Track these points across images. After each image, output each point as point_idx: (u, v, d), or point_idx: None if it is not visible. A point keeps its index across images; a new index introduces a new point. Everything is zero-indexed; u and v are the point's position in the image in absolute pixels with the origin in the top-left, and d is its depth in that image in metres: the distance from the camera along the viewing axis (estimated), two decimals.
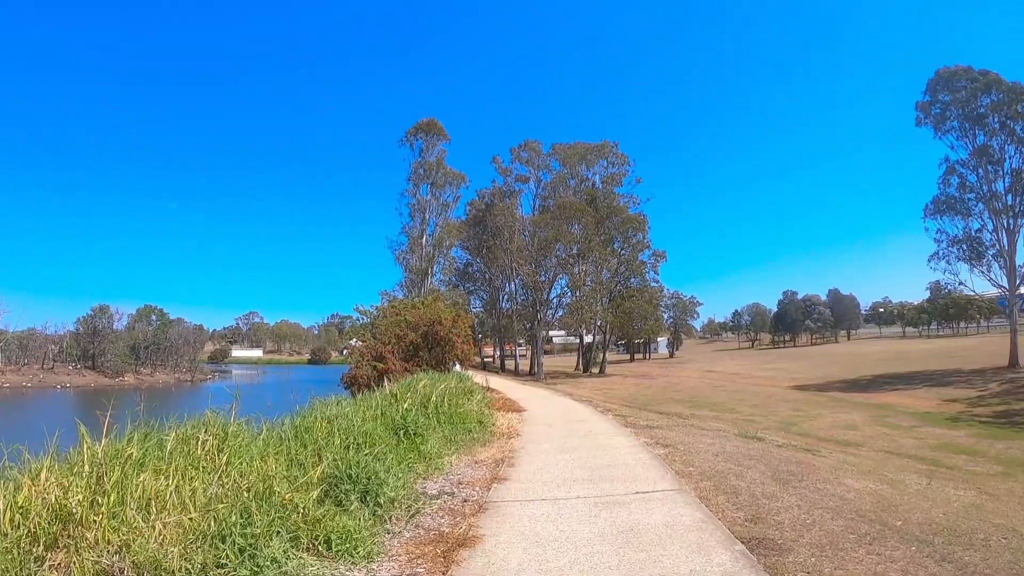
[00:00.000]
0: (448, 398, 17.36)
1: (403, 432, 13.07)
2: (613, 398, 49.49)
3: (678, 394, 56.08)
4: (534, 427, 17.77)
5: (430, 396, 16.61)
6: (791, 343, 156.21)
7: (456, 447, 14.14)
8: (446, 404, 16.79)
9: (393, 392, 16.42)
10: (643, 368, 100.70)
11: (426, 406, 16.03)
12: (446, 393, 17.60)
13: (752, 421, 36.43)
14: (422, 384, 18.05)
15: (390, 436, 12.63)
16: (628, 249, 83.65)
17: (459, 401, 18.10)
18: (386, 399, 15.95)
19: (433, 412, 15.86)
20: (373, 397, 15.97)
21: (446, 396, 17.29)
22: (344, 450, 10.29)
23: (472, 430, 16.03)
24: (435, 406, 16.18)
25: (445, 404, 16.74)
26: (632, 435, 15.67)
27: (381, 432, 12.26)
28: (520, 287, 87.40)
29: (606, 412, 21.40)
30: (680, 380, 72.86)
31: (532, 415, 20.71)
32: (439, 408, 16.22)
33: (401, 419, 13.49)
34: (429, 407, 15.99)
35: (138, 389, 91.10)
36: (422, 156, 74.22)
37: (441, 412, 16.11)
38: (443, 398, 17.03)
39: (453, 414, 16.48)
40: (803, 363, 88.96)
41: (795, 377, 70.94)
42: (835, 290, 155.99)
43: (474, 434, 15.74)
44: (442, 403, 16.66)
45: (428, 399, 16.43)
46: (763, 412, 41.32)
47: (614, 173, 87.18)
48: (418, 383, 18.33)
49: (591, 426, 17.63)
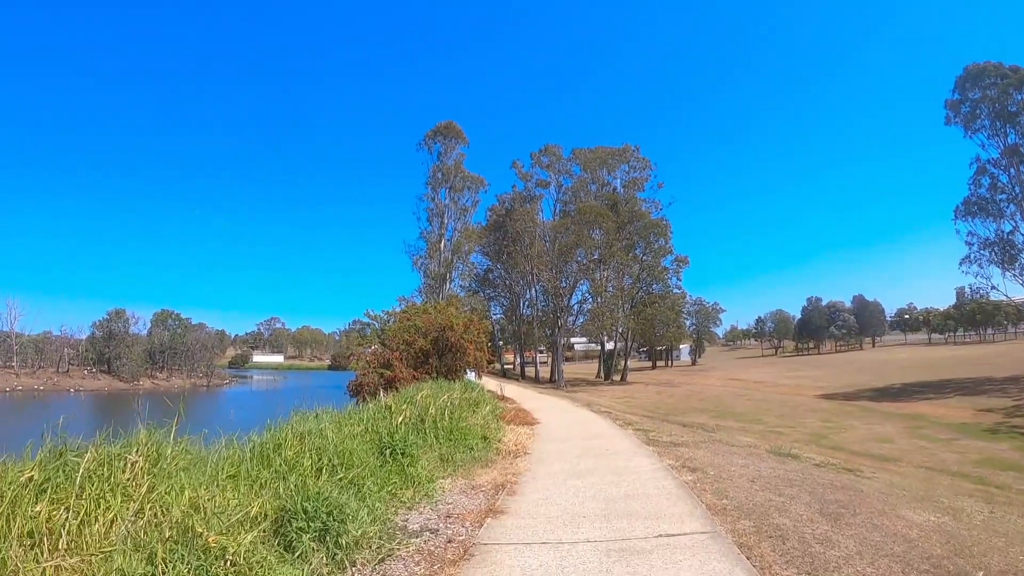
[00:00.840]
0: (450, 410, 15.60)
1: (389, 451, 11.29)
2: (634, 407, 47.57)
3: (701, 403, 53.98)
4: (545, 444, 15.89)
5: (428, 408, 14.85)
6: (815, 350, 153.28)
7: (453, 468, 12.34)
8: (447, 417, 15.00)
9: (387, 403, 14.65)
10: (665, 376, 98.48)
11: (423, 420, 14.29)
12: (448, 405, 15.83)
13: (780, 433, 34.42)
14: (422, 394, 16.32)
15: (373, 456, 10.89)
16: (650, 255, 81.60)
17: (463, 414, 16.27)
18: (379, 411, 14.22)
19: (431, 427, 14.10)
20: (365, 409, 14.29)
21: (447, 408, 15.52)
22: (315, 473, 8.86)
23: (474, 447, 14.18)
24: (433, 420, 14.42)
25: (445, 417, 14.96)
26: (655, 455, 13.68)
27: (363, 451, 10.62)
28: (540, 293, 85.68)
29: (626, 426, 19.37)
30: (703, 388, 70.74)
31: (545, 429, 18.89)
32: (438, 422, 14.44)
33: (388, 436, 11.69)
34: (426, 421, 14.23)
35: (154, 394, 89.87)
36: (440, 160, 72.70)
37: (440, 427, 14.33)
38: (444, 410, 15.26)
39: (454, 429, 14.69)
40: (828, 371, 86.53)
41: (821, 385, 68.67)
42: (860, 296, 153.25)
43: (476, 452, 13.88)
44: (442, 416, 14.88)
45: (426, 411, 14.68)
46: (791, 423, 39.24)
47: (636, 178, 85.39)
48: (418, 393, 16.60)
49: (609, 443, 15.70)
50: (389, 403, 14.66)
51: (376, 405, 14.69)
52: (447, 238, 71.17)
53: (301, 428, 10.41)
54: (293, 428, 10.38)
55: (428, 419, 14.26)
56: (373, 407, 14.45)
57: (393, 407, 14.40)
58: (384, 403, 14.76)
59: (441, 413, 14.93)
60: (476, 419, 16.50)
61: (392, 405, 14.51)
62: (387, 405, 14.58)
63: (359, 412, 13.88)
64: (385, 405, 14.62)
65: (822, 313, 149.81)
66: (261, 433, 9.92)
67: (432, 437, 13.58)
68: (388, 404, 14.63)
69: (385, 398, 15.36)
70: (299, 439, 9.84)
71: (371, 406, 14.53)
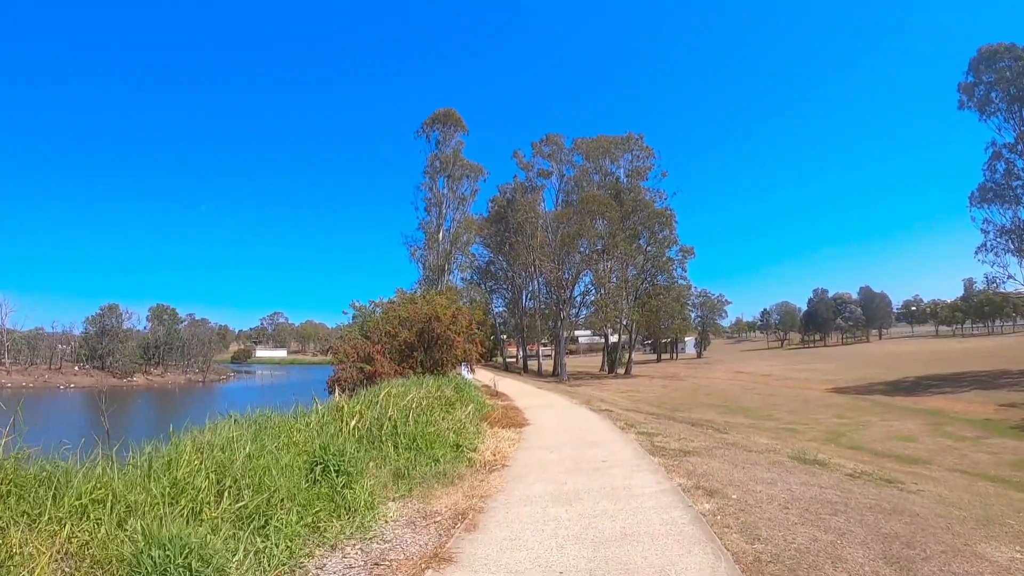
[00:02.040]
0: (417, 413, 13.01)
1: (321, 468, 8.72)
2: (639, 402, 45.14)
3: (708, 397, 51.56)
4: (531, 453, 13.15)
5: (388, 409, 12.30)
6: (821, 343, 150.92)
7: (408, 487, 9.67)
8: (411, 421, 12.41)
9: (339, 404, 12.12)
10: (670, 368, 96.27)
11: (383, 425, 11.75)
12: (414, 405, 13.24)
13: (795, 431, 31.96)
14: (385, 392, 13.73)
15: (300, 474, 8.37)
16: (655, 245, 79.39)
17: (433, 416, 13.68)
18: (329, 414, 11.71)
19: (389, 433, 11.53)
20: (312, 412, 11.74)
21: (412, 409, 12.94)
22: (216, 498, 6.80)
23: (442, 459, 11.46)
24: (393, 424, 11.86)
25: (410, 421, 12.34)
26: (661, 469, 10.88)
27: (289, 467, 8.10)
28: (543, 285, 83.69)
29: (628, 428, 16.40)
30: (710, 382, 68.44)
31: (534, 432, 16.19)
32: (398, 427, 11.86)
33: (321, 449, 9.13)
34: (384, 427, 11.68)
35: (146, 390, 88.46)
36: (439, 148, 69.85)
37: (401, 433, 11.69)
38: (408, 412, 12.67)
39: (420, 435, 12.00)
40: (837, 364, 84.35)
41: (831, 379, 66.45)
42: (867, 288, 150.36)
43: (442, 465, 11.13)
44: (404, 420, 12.27)
45: (386, 413, 12.13)
46: (805, 420, 36.76)
47: (639, 167, 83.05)
48: (382, 391, 14.00)
49: (607, 452, 12.87)
50: (342, 403, 12.14)
51: (326, 407, 12.18)
52: (446, 228, 68.48)
53: (206, 439, 8.00)
54: (195, 439, 7.94)
55: (388, 424, 11.75)
56: (323, 409, 11.91)
57: (346, 409, 11.89)
58: (336, 403, 12.25)
59: (404, 416, 12.35)
60: (450, 422, 13.75)
61: (345, 406, 12.00)
62: (339, 406, 12.08)
63: (305, 416, 11.41)
64: (336, 406, 12.11)
65: (828, 305, 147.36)
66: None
67: (389, 447, 11.02)
68: (340, 405, 12.11)
69: (339, 398, 12.79)
70: (199, 453, 7.42)
71: (320, 409, 11.99)
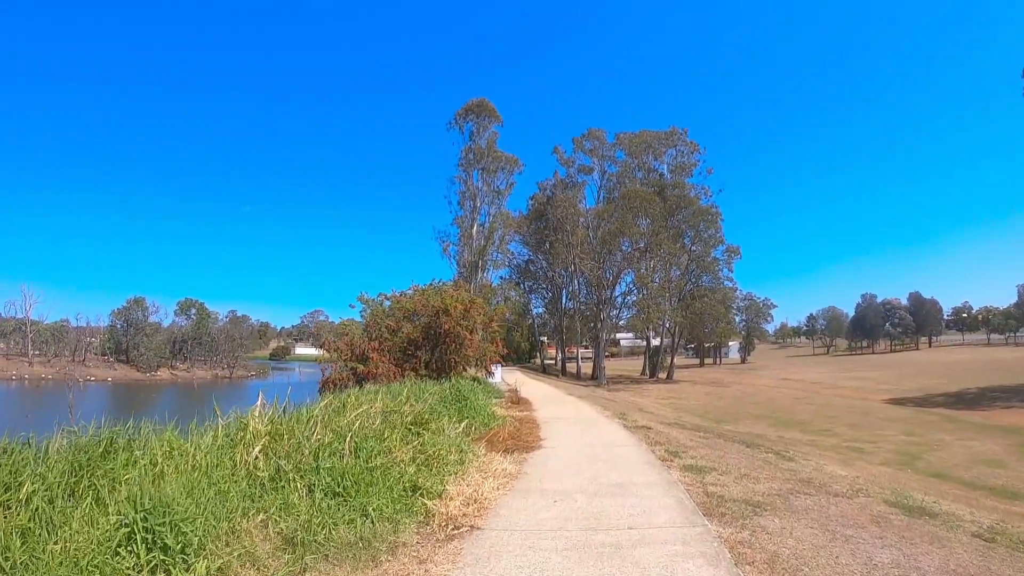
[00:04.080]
0: (365, 435, 9.13)
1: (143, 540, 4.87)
2: (681, 410, 40.91)
3: (756, 407, 46.97)
4: (524, 501, 8.73)
5: (313, 432, 8.40)
6: (868, 350, 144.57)
7: (299, 566, 5.81)
8: (348, 450, 8.38)
9: (245, 423, 8.23)
10: (714, 374, 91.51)
11: (302, 455, 7.88)
12: (356, 426, 9.20)
13: (860, 451, 27.57)
14: (322, 404, 9.82)
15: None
16: (699, 244, 75.51)
17: (390, 442, 9.47)
18: (226, 440, 7.88)
19: (309, 469, 7.64)
20: (209, 431, 7.95)
21: (355, 432, 8.95)
22: None
23: (382, 510, 7.28)
24: (315, 456, 7.98)
25: (346, 450, 8.40)
26: (725, 552, 6.41)
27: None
28: (583, 285, 79.27)
29: (670, 461, 11.74)
30: (756, 389, 63.70)
31: (543, 462, 11.76)
32: (320, 461, 7.86)
33: (151, 507, 5.26)
34: (302, 459, 7.81)
35: (168, 385, 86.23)
36: (472, 140, 66.51)
37: (324, 469, 7.73)
38: (347, 436, 8.74)
39: (353, 472, 7.80)
40: (889, 372, 79.08)
41: (885, 388, 61.49)
42: (916, 294, 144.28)
43: (375, 523, 6.96)
44: (338, 448, 8.41)
45: (308, 437, 8.26)
46: (868, 436, 32.20)
47: (683, 163, 78.97)
48: (317, 406, 10.11)
49: (638, 505, 8.35)
50: (247, 421, 8.29)
51: (227, 426, 8.37)
52: (480, 223, 64.95)
53: None
54: None
55: (309, 453, 7.92)
56: (222, 431, 8.12)
57: (250, 429, 8.06)
58: (241, 422, 8.40)
59: (339, 440, 8.51)
60: (417, 448, 9.63)
61: (250, 425, 8.16)
62: (243, 424, 8.25)
63: (199, 436, 7.70)
64: (241, 425, 8.28)
65: (877, 311, 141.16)
66: None
67: (299, 490, 7.17)
68: (245, 423, 8.27)
69: (258, 413, 8.85)
70: None
71: (222, 429, 8.20)
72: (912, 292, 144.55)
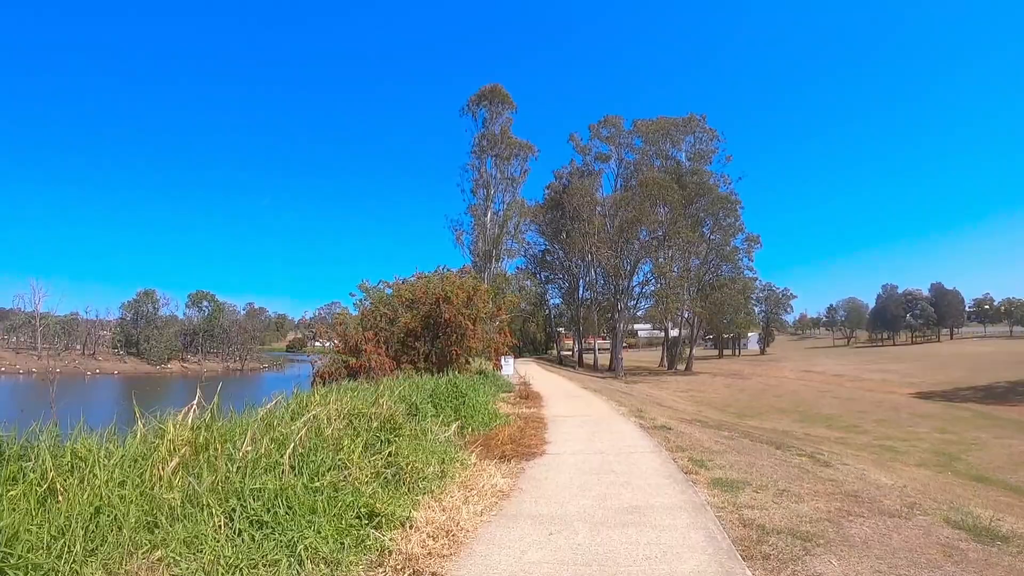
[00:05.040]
0: (315, 445, 7.16)
1: None
2: (702, 404, 39.05)
3: (779, 400, 44.95)
4: (510, 531, 6.69)
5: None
6: (889, 341, 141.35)
7: None
8: (286, 465, 6.46)
9: (163, 430, 6.45)
10: (733, 366, 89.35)
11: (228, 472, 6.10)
12: (299, 436, 7.26)
13: (893, 449, 25.62)
14: (268, 408, 8.07)
15: None
16: (719, 233, 73.38)
17: (349, 452, 7.30)
18: (143, 450, 6.15)
19: (233, 491, 5.87)
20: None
21: (299, 440, 7.04)
22: None
23: (310, 549, 5.23)
24: (240, 473, 6.08)
25: (284, 465, 6.50)
26: None
27: None
28: (600, 275, 77.53)
29: (695, 473, 9.54)
30: (778, 382, 61.59)
31: (543, 474, 9.63)
32: (245, 481, 5.88)
33: None
34: (224, 479, 6.02)
35: (178, 377, 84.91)
36: (485, 126, 65.09)
37: (248, 492, 5.72)
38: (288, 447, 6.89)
39: (285, 495, 5.80)
40: (912, 364, 76.53)
41: (911, 381, 59.21)
42: (938, 284, 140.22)
43: (309, 569, 5.03)
44: (274, 462, 6.58)
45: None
46: (899, 432, 30.24)
47: (702, 150, 77.02)
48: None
49: (656, 540, 6.14)
50: (167, 427, 6.51)
51: (142, 436, 6.63)
52: (494, 210, 63.30)
53: None
54: None
55: (237, 466, 6.11)
56: (137, 440, 6.38)
57: (166, 438, 6.31)
58: (159, 430, 6.63)
59: (266, 459, 6.60)
60: (375, 464, 7.72)
61: (169, 432, 6.40)
62: (160, 432, 6.50)
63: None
64: (158, 433, 6.51)
65: (898, 302, 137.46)
66: None
67: (216, 521, 5.31)
68: (164, 429, 6.50)
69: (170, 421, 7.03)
70: None
71: (138, 435, 6.44)
72: (934, 283, 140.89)
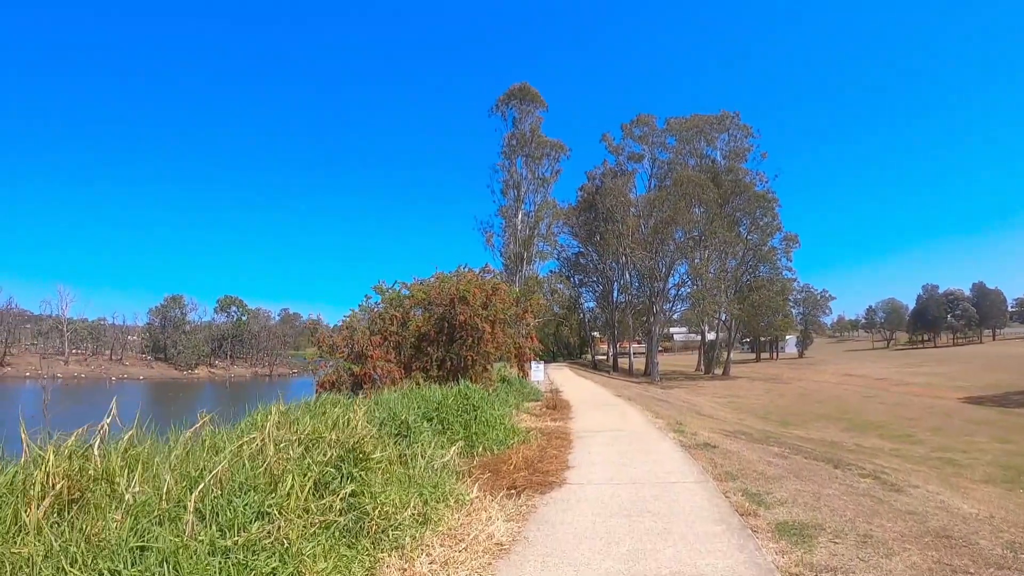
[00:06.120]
0: (249, 489, 5.51)
1: None
2: (742, 411, 37.04)
3: (821, 406, 42.71)
4: None
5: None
6: (930, 343, 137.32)
7: None
8: (190, 522, 4.92)
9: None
10: (772, 369, 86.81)
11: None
12: (223, 466, 5.68)
13: (955, 463, 23.49)
14: (186, 435, 6.55)
15: None
16: (756, 233, 71.05)
17: (285, 498, 5.21)
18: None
19: (111, 551, 4.28)
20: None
21: (211, 480, 5.46)
22: None
23: None
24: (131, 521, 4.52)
25: (189, 521, 4.94)
26: None
27: None
28: (635, 277, 75.68)
29: (753, 515, 7.14)
30: (818, 386, 59.21)
31: (562, 513, 7.61)
32: (124, 542, 4.39)
33: None
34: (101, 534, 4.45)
35: (206, 383, 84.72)
36: (515, 126, 63.66)
37: (130, 554, 4.23)
38: (187, 496, 5.32)
39: (204, 564, 4.17)
40: (957, 367, 73.54)
41: (958, 385, 56.49)
42: (980, 284, 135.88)
43: None
44: (170, 514, 4.95)
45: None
46: (958, 443, 27.99)
47: (736, 148, 74.89)
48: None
49: None
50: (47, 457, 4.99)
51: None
52: (525, 211, 62.07)
53: None
54: None
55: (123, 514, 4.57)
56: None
57: (44, 471, 4.80)
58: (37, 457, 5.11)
59: (151, 505, 4.99)
60: (324, 511, 5.86)
61: (48, 466, 4.91)
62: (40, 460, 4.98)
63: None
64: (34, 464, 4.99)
65: (939, 302, 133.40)
66: None
67: None
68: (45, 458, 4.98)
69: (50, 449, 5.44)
70: None
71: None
72: (975, 283, 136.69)
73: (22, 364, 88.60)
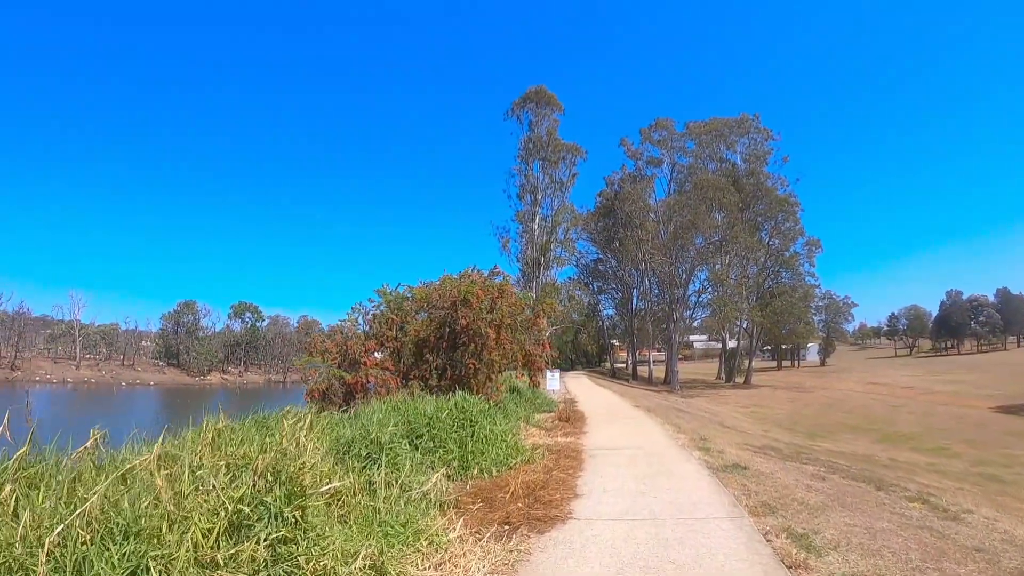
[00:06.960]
0: (126, 535, 4.24)
1: None
2: (766, 421, 35.53)
3: (849, 416, 41.06)
4: None
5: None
6: (954, 350, 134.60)
7: None
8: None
9: None
10: (794, 377, 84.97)
11: None
12: (91, 505, 4.32)
13: (998, 478, 21.98)
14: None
15: None
16: (778, 238, 69.61)
17: (173, 548, 4.03)
18: None
19: None
20: None
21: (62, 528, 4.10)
22: None
23: None
24: None
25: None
26: None
27: None
28: (654, 284, 73.78)
29: (804, 569, 6.45)
30: (843, 395, 57.43)
31: (561, 564, 6.01)
32: None
33: None
34: None
35: (217, 389, 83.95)
36: (531, 130, 62.67)
37: None
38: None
39: None
40: (983, 375, 71.53)
41: (987, 393, 54.58)
42: (1004, 289, 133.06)
43: None
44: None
45: None
46: (996, 455, 26.47)
47: (757, 151, 73.29)
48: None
49: None
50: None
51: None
52: (542, 215, 61.23)
53: None
54: None
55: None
56: None
57: None
58: None
59: None
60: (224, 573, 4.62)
61: None
62: None
63: None
64: None
65: (963, 309, 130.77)
66: None
67: None
68: None
69: None
70: None
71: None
72: (1000, 288, 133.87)
73: (33, 369, 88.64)
